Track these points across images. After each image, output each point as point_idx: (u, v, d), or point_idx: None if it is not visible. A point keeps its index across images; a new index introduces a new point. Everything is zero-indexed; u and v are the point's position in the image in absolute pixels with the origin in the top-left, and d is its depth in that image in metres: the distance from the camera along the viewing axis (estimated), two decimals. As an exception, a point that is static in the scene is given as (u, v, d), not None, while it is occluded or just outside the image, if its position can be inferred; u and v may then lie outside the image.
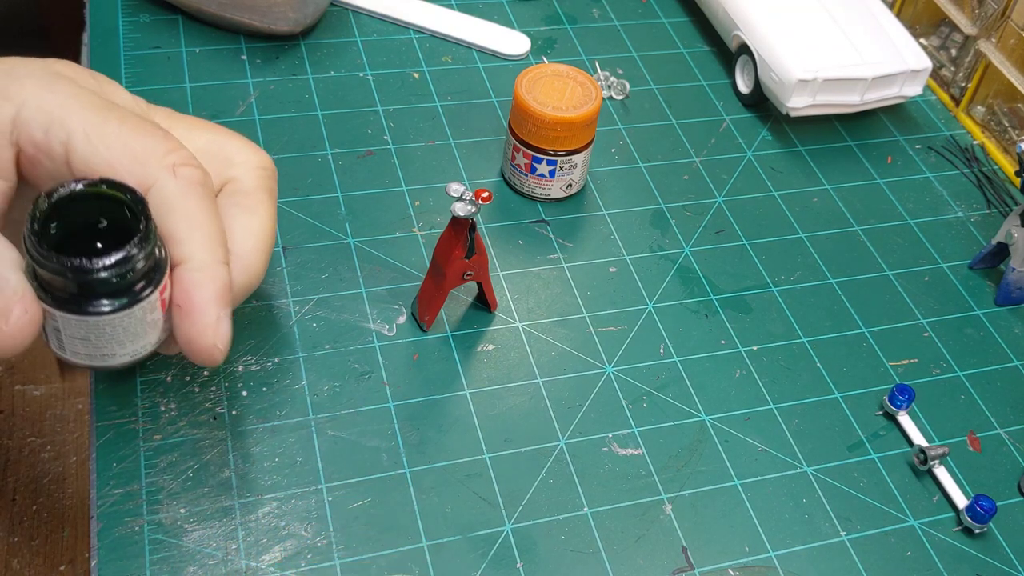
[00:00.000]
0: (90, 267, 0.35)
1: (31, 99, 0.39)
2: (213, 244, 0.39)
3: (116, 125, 0.39)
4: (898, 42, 0.65)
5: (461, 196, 0.47)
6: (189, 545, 0.42)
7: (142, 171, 0.39)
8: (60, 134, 0.38)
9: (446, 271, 0.49)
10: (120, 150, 0.38)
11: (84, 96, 0.40)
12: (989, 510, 0.47)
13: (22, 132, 0.39)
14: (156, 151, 0.39)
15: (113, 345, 0.38)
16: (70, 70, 0.41)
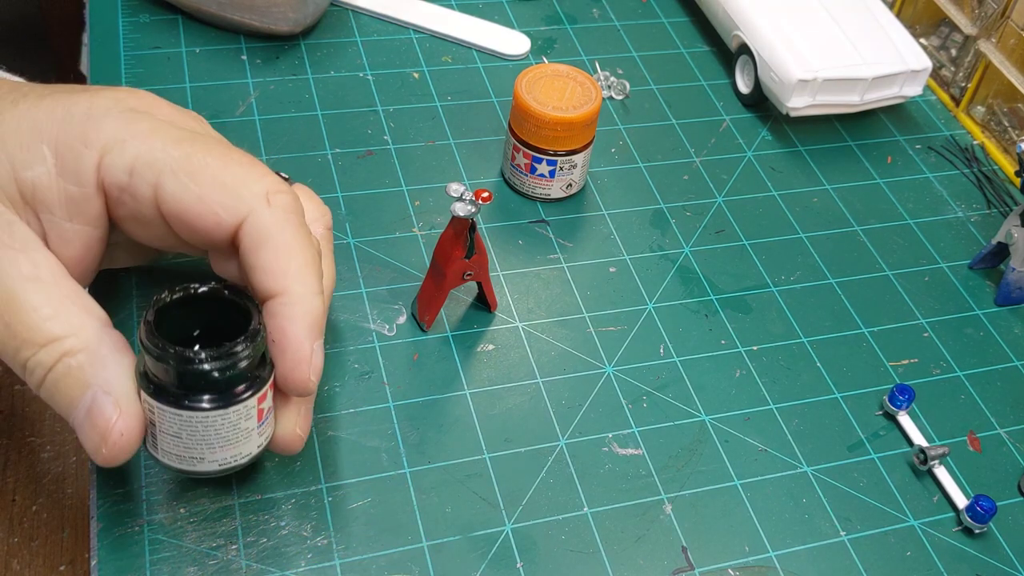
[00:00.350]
0: (192, 356, 0.36)
1: (112, 142, 0.38)
2: (308, 274, 0.39)
3: (202, 157, 0.38)
4: (898, 42, 0.65)
5: (461, 196, 0.47)
6: (189, 545, 0.42)
7: (235, 203, 0.38)
8: (147, 175, 0.38)
9: (446, 271, 0.49)
10: (210, 184, 0.38)
11: (164, 131, 0.39)
12: (989, 510, 0.47)
13: (107, 177, 0.38)
14: (247, 180, 0.39)
15: (204, 448, 0.38)
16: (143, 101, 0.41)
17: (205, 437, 0.38)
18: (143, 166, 0.38)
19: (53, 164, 0.38)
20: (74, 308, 0.38)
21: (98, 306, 0.39)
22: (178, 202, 0.38)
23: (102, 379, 0.37)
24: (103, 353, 0.38)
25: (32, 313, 0.37)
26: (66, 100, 0.39)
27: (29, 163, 0.38)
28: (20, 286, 0.37)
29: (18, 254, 0.38)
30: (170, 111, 0.42)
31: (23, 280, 0.37)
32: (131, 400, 0.38)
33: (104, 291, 0.50)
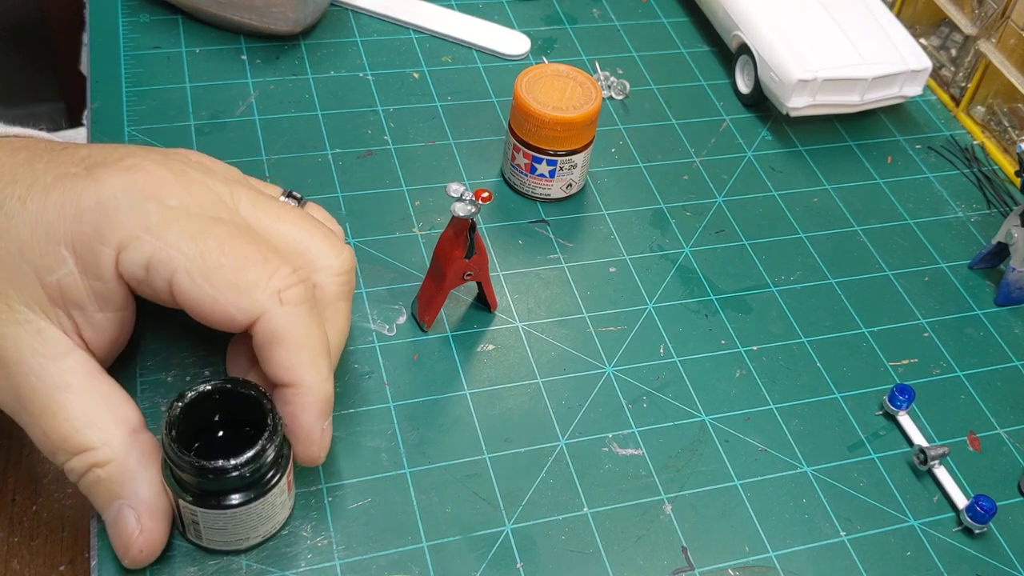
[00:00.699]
0: (227, 467, 0.38)
1: (126, 239, 0.39)
2: (318, 364, 0.41)
3: (216, 257, 0.39)
4: (898, 42, 0.65)
5: (461, 196, 0.47)
6: (189, 545, 0.42)
7: (248, 304, 0.39)
8: (163, 272, 0.39)
9: (446, 271, 0.49)
10: (224, 286, 0.39)
11: (177, 223, 0.40)
12: (989, 510, 0.47)
13: (125, 272, 0.39)
14: (259, 281, 0.39)
15: (247, 531, 0.41)
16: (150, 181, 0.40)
17: (246, 522, 0.41)
18: (158, 264, 0.39)
19: (74, 264, 0.39)
20: (106, 416, 0.40)
21: (132, 407, 0.41)
22: (192, 300, 0.39)
23: (127, 492, 0.40)
24: (130, 466, 0.40)
25: (64, 423, 0.39)
26: (73, 193, 0.39)
27: (52, 268, 0.39)
28: (54, 395, 0.39)
29: (49, 362, 0.39)
30: (183, 192, 0.41)
31: (56, 389, 0.39)
32: (153, 514, 0.40)
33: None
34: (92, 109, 0.59)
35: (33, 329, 0.39)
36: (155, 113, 0.60)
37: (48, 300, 0.40)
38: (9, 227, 0.39)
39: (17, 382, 0.39)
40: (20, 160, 0.41)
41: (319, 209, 0.49)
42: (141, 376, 0.47)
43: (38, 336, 0.40)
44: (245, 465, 0.38)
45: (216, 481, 0.39)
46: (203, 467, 0.38)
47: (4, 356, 0.39)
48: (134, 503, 0.40)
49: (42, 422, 0.39)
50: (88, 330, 0.41)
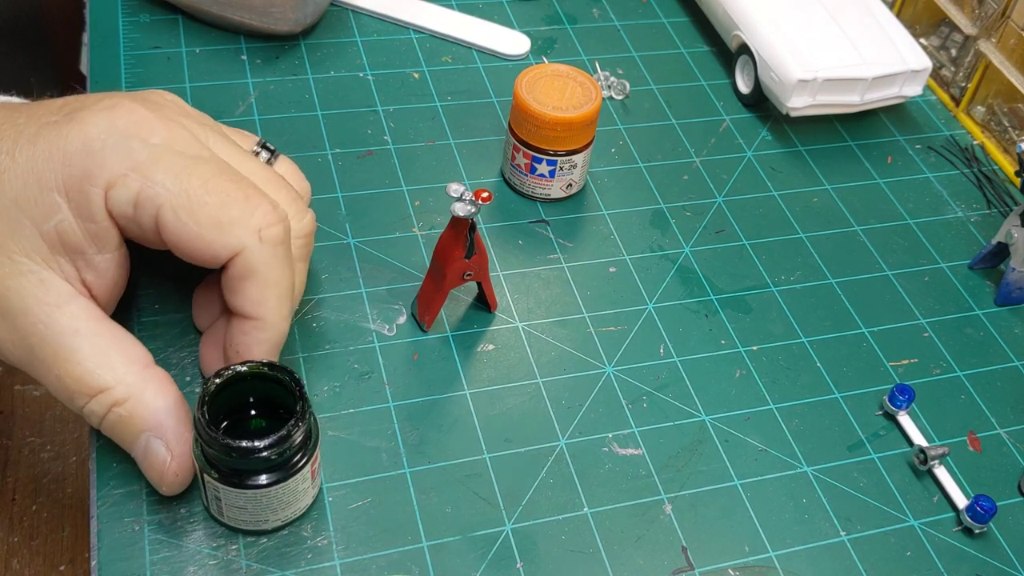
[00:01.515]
0: (254, 448, 0.39)
1: (114, 177, 0.40)
2: (282, 303, 0.43)
3: (200, 194, 0.40)
4: (898, 42, 0.65)
5: (461, 196, 0.47)
6: (189, 545, 0.42)
7: (230, 240, 0.41)
8: (149, 209, 0.40)
9: (446, 271, 0.49)
10: (208, 222, 0.40)
11: (162, 161, 0.40)
12: (989, 510, 0.47)
13: (114, 208, 0.40)
14: (242, 218, 0.41)
15: (268, 513, 0.42)
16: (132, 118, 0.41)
17: (269, 505, 0.41)
18: (145, 200, 0.40)
19: (69, 209, 0.40)
20: (117, 356, 0.41)
21: (139, 346, 0.42)
22: (177, 236, 0.40)
23: (151, 424, 0.41)
24: (148, 399, 0.41)
25: (77, 366, 0.40)
26: (58, 139, 0.40)
27: (48, 215, 0.40)
28: (64, 340, 0.40)
29: (55, 309, 0.40)
30: (164, 130, 0.42)
31: (65, 335, 0.40)
32: (180, 440, 0.41)
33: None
34: (92, 109, 0.59)
35: (36, 279, 0.40)
36: (155, 113, 0.60)
37: (48, 249, 0.40)
38: (3, 183, 0.40)
39: (26, 332, 0.40)
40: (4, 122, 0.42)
41: (290, 164, 0.50)
42: (141, 376, 0.47)
43: (42, 286, 0.40)
44: (271, 447, 0.39)
45: (242, 460, 0.39)
46: (229, 445, 0.39)
47: (11, 308, 0.40)
48: (159, 432, 0.41)
49: (56, 368, 0.40)
50: (89, 274, 0.41)
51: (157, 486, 0.42)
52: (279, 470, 0.40)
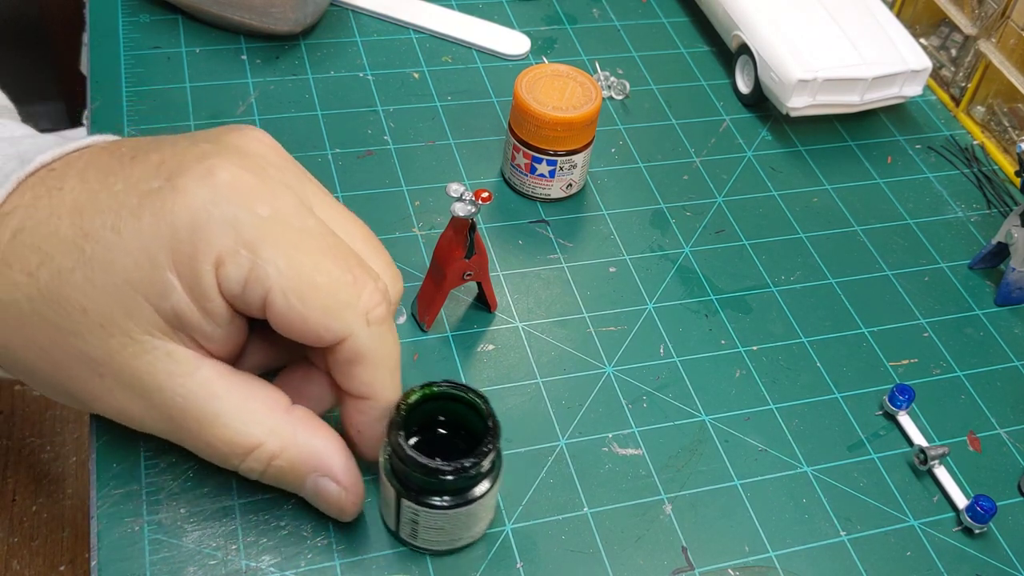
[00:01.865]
0: (461, 468, 0.39)
1: (224, 255, 0.38)
2: (393, 380, 0.42)
3: (310, 276, 0.39)
4: (898, 42, 0.65)
5: (461, 196, 0.47)
6: (189, 545, 0.42)
7: (338, 326, 0.40)
8: (258, 290, 0.39)
9: (446, 271, 0.49)
10: (316, 308, 0.39)
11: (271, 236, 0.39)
12: (989, 510, 0.47)
13: (223, 288, 0.39)
14: (350, 302, 0.40)
15: (461, 531, 0.42)
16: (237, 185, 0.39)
17: (463, 523, 0.42)
18: (254, 280, 0.39)
19: (182, 289, 0.39)
20: (259, 408, 0.40)
21: (275, 390, 0.41)
22: (284, 319, 0.39)
23: (313, 466, 0.41)
24: (302, 442, 0.41)
25: (225, 429, 0.40)
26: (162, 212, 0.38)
27: (163, 294, 0.38)
28: (205, 407, 0.39)
29: (188, 379, 0.39)
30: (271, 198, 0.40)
31: (205, 401, 0.39)
32: (346, 470, 0.42)
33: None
34: (92, 109, 0.59)
35: (163, 354, 0.39)
36: (155, 113, 0.60)
37: (167, 325, 0.39)
38: (112, 260, 0.38)
39: (166, 407, 0.39)
40: (93, 184, 0.40)
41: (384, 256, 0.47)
42: (141, 376, 0.47)
43: (169, 359, 0.39)
44: (473, 467, 0.39)
45: (452, 482, 0.39)
46: (439, 469, 0.39)
47: (144, 387, 0.39)
48: (324, 471, 0.41)
49: (204, 437, 0.40)
50: (209, 347, 0.40)
51: (338, 517, 0.43)
52: (476, 489, 0.41)
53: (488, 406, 0.41)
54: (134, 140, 0.43)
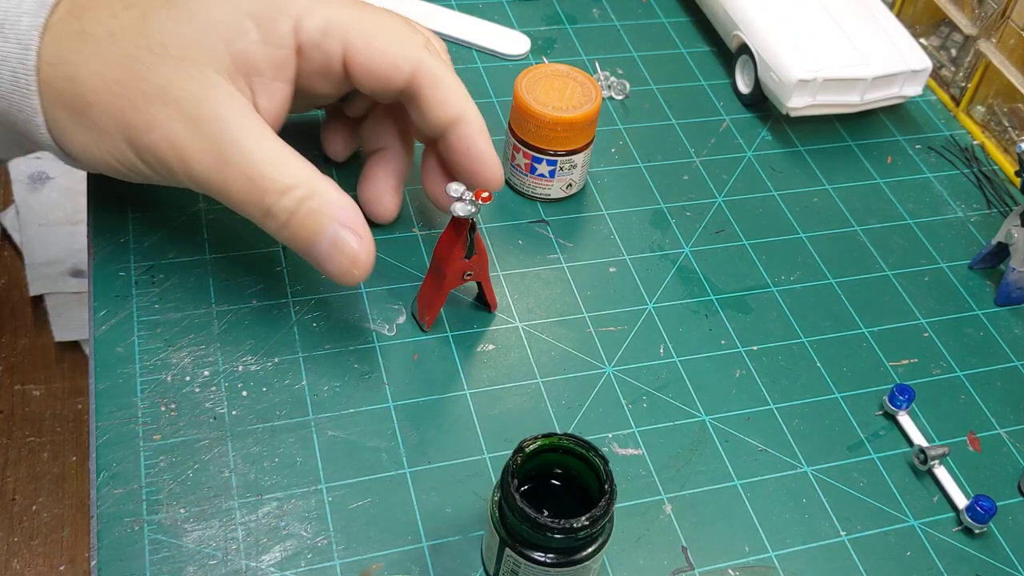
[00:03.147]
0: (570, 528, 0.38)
1: (304, 9, 0.46)
2: (471, 100, 0.49)
3: (374, 18, 0.47)
4: (898, 42, 0.65)
5: (461, 196, 0.47)
6: (189, 545, 0.42)
7: (409, 53, 0.47)
8: (338, 35, 0.46)
9: (446, 271, 0.49)
10: (389, 40, 0.47)
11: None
12: (989, 510, 0.47)
13: (303, 38, 0.46)
14: (411, 35, 0.48)
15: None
16: None
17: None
18: (334, 28, 0.46)
19: (257, 34, 0.45)
20: (298, 160, 0.45)
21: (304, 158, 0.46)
22: (364, 56, 0.47)
23: (341, 215, 0.45)
24: (332, 195, 0.45)
25: (269, 166, 0.44)
26: None
27: (238, 37, 0.44)
28: (254, 143, 0.44)
29: (244, 118, 0.44)
30: None
31: (255, 139, 0.44)
32: (365, 227, 0.46)
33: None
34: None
35: (225, 91, 0.44)
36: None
37: (234, 67, 0.44)
38: (196, 6, 0.44)
39: (217, 137, 0.43)
40: None
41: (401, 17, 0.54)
42: (141, 376, 0.47)
43: (230, 97, 0.44)
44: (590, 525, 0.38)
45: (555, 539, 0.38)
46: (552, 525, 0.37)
47: (203, 115, 0.43)
48: (348, 222, 0.45)
49: (247, 170, 0.44)
50: (263, 97, 0.46)
51: (346, 273, 0.45)
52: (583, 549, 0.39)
53: (607, 467, 0.39)
54: None
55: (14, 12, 0.44)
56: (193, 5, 0.44)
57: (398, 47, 0.47)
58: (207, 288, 0.51)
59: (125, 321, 0.49)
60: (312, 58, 0.47)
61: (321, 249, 0.45)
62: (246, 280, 0.52)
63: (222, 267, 0.52)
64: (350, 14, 0.46)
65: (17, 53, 0.44)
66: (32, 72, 0.44)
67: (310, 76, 0.47)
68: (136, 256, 0.52)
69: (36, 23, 0.44)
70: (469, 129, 0.48)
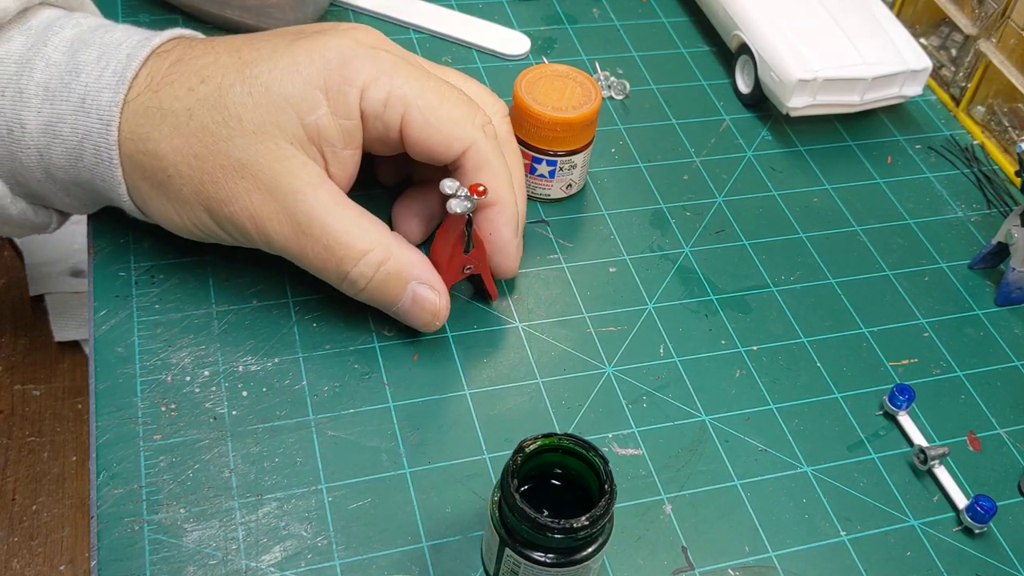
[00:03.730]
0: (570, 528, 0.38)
1: (369, 80, 0.46)
2: (512, 187, 0.50)
3: (437, 95, 0.48)
4: (898, 42, 0.65)
5: (456, 193, 0.47)
6: (189, 545, 0.42)
7: (462, 133, 0.48)
8: (398, 107, 0.47)
9: (446, 268, 0.49)
10: (446, 119, 0.48)
11: (404, 67, 0.47)
12: (989, 510, 0.47)
13: (367, 108, 0.47)
14: (469, 115, 0.48)
15: None
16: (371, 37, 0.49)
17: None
18: (395, 99, 0.47)
19: (328, 106, 0.46)
20: (370, 223, 0.47)
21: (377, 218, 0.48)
22: (420, 130, 0.47)
23: (416, 274, 0.48)
24: (405, 253, 0.48)
25: (344, 234, 0.46)
26: (316, 47, 0.46)
27: (311, 109, 0.46)
28: (328, 212, 0.46)
29: (317, 188, 0.46)
30: (393, 47, 0.50)
31: (328, 207, 0.46)
32: (439, 280, 0.49)
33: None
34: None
35: (300, 162, 0.46)
36: (155, 113, 0.59)
37: (307, 138, 0.46)
38: (270, 80, 0.46)
39: (294, 208, 0.45)
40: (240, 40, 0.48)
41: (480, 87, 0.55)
42: (141, 376, 0.47)
43: (304, 168, 0.46)
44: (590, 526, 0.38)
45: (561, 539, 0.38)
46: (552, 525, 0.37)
47: (280, 187, 0.45)
48: (423, 279, 0.48)
49: (324, 238, 0.46)
50: (335, 165, 0.47)
51: (427, 325, 0.49)
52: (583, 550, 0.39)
53: (607, 467, 0.39)
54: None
55: (94, 87, 0.46)
56: (265, 78, 0.46)
57: (453, 126, 0.48)
58: (207, 288, 0.51)
59: (125, 321, 0.49)
60: (373, 127, 0.47)
61: (402, 306, 0.48)
62: (246, 280, 0.52)
63: (222, 267, 0.52)
64: (412, 87, 0.47)
65: (99, 128, 0.45)
66: (114, 147, 0.46)
67: (370, 142, 0.49)
68: (136, 256, 0.52)
69: (116, 99, 0.45)
70: (500, 217, 0.49)
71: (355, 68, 0.46)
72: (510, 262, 0.51)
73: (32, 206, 0.50)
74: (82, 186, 0.48)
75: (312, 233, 0.46)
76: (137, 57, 0.46)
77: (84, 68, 0.46)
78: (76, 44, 0.47)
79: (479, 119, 0.49)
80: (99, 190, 0.48)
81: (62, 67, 0.46)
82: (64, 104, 0.46)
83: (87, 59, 0.46)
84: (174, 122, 0.45)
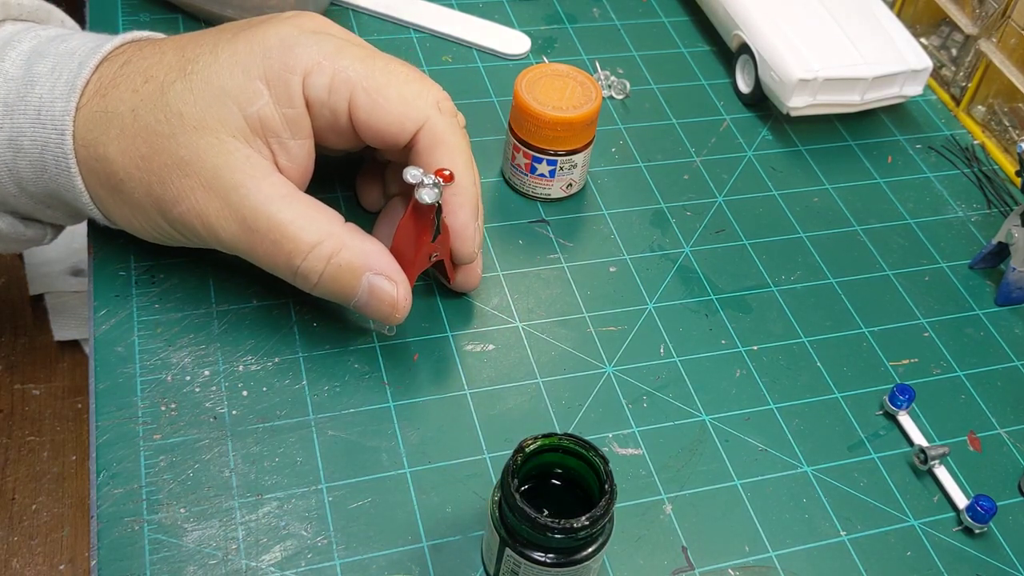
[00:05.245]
0: (570, 528, 0.37)
1: (310, 65, 0.45)
2: (469, 168, 0.48)
3: (384, 75, 0.46)
4: (898, 42, 0.65)
5: (422, 181, 0.45)
6: (189, 545, 0.42)
7: (415, 112, 0.46)
8: (343, 92, 0.45)
9: (415, 258, 0.47)
10: (395, 98, 0.46)
11: (348, 50, 0.46)
12: (989, 510, 0.47)
13: (311, 94, 0.45)
14: (421, 92, 0.47)
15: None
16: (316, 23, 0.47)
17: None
18: (339, 84, 0.45)
19: (269, 95, 0.45)
20: (319, 215, 0.45)
21: (330, 208, 0.46)
22: (368, 113, 0.46)
23: (371, 263, 0.46)
24: (358, 243, 0.45)
25: (291, 227, 0.44)
26: (256, 37, 0.45)
27: (251, 100, 0.45)
28: (274, 207, 0.44)
29: (262, 181, 0.44)
30: (339, 30, 0.48)
31: (274, 201, 0.44)
32: (398, 271, 0.46)
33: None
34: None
35: (243, 156, 0.44)
36: (155, 113, 0.59)
37: (250, 130, 0.45)
38: (210, 74, 0.45)
39: (238, 204, 0.44)
40: (187, 38, 0.47)
41: None
42: (141, 376, 0.47)
43: (248, 161, 0.44)
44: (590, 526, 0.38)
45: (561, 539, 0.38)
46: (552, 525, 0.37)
47: (223, 184, 0.44)
48: (379, 269, 0.46)
49: (270, 233, 0.44)
50: (284, 158, 0.46)
51: (387, 318, 0.47)
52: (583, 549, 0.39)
53: (607, 467, 0.39)
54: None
55: (48, 98, 0.45)
56: (206, 72, 0.45)
57: (403, 105, 0.46)
58: (207, 288, 0.51)
59: (125, 321, 0.49)
60: (321, 115, 0.46)
61: (360, 300, 0.46)
62: (246, 280, 0.52)
63: (222, 267, 0.52)
64: (357, 69, 0.46)
65: (55, 139, 0.45)
66: (70, 155, 0.45)
67: (322, 132, 0.47)
68: (136, 256, 0.52)
69: (68, 107, 0.45)
70: (455, 199, 0.47)
71: (296, 55, 0.45)
72: (468, 247, 0.48)
73: (22, 221, 0.50)
74: (54, 197, 0.48)
75: (259, 228, 0.44)
76: (88, 64, 0.46)
77: (39, 80, 0.46)
78: (32, 56, 0.46)
79: (432, 95, 0.47)
80: (68, 201, 0.48)
81: (19, 80, 0.46)
82: (22, 117, 0.45)
83: (42, 70, 0.46)
84: (120, 124, 0.45)
